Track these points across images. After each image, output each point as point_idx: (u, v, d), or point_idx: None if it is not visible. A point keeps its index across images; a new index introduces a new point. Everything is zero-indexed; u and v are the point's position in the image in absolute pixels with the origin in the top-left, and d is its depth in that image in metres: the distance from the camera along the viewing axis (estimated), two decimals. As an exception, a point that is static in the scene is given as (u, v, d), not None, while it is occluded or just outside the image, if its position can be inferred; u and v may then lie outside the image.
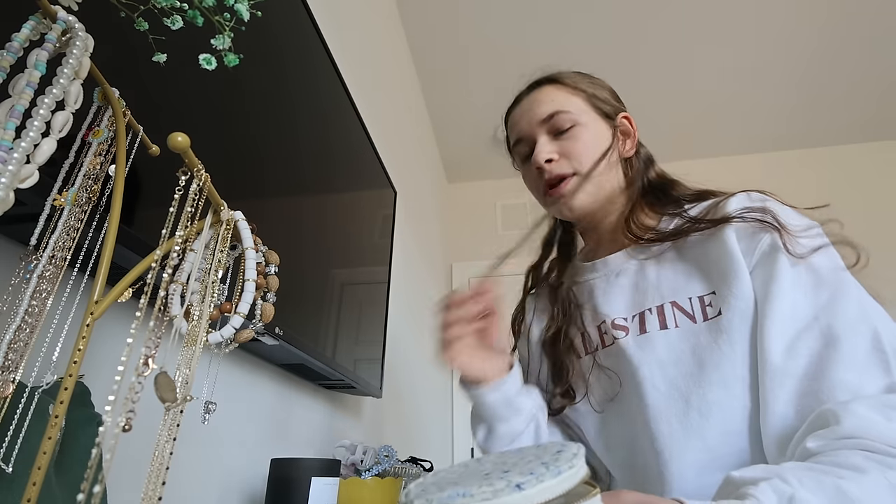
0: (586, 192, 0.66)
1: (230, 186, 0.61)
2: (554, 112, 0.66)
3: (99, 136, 0.34)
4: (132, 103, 0.37)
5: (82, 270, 0.32)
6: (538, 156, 0.66)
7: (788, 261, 0.52)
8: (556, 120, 0.66)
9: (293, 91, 0.84)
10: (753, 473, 0.38)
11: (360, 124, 1.19)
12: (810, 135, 2.76)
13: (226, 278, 0.39)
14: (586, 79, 0.71)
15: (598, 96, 0.70)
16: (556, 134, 0.66)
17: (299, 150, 0.86)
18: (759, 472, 0.38)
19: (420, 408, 1.93)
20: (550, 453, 0.30)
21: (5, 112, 0.26)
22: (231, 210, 0.40)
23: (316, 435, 1.03)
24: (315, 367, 0.87)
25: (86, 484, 0.24)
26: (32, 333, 0.29)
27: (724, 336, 0.54)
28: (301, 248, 0.84)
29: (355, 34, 1.42)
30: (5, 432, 0.29)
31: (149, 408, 0.37)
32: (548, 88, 0.69)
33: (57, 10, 0.30)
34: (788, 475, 0.36)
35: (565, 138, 0.66)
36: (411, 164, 2.10)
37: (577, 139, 0.65)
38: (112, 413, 0.24)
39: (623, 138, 0.70)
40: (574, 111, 0.66)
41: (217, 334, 0.37)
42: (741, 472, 0.39)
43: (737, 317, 0.54)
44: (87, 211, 0.32)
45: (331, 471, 0.68)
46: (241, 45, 0.39)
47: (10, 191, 0.25)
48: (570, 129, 0.66)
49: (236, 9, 0.36)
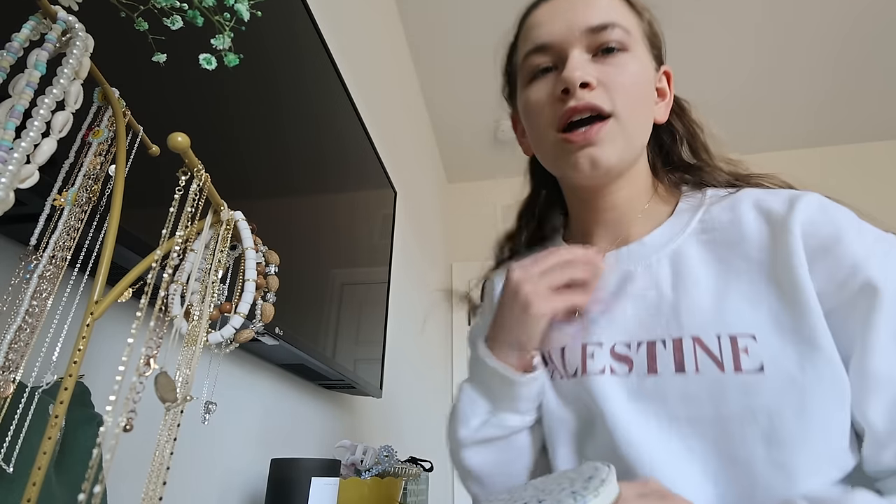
0: (619, 144, 0.48)
1: (230, 186, 0.61)
2: (608, 23, 0.48)
3: (99, 136, 0.34)
4: (132, 103, 0.37)
5: (82, 270, 0.33)
6: (572, 73, 0.47)
7: (889, 304, 0.39)
8: (607, 33, 0.48)
9: (293, 91, 0.84)
10: None
11: (360, 124, 1.19)
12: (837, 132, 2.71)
13: (226, 278, 0.39)
14: (647, 7, 0.55)
15: (655, 30, 0.54)
16: (597, 54, 0.49)
17: (299, 151, 0.86)
18: None
19: (420, 408, 1.93)
20: (582, 479, 0.31)
21: (5, 112, 0.26)
22: (231, 210, 0.40)
23: (316, 435, 1.03)
24: (315, 367, 0.87)
25: (86, 484, 0.24)
26: (33, 333, 0.29)
27: (757, 400, 0.40)
28: (301, 248, 0.84)
29: (355, 34, 1.42)
30: (5, 432, 0.29)
31: (149, 408, 0.37)
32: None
33: (57, 10, 0.30)
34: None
35: (610, 64, 0.49)
36: (411, 164, 2.10)
37: (624, 69, 0.49)
38: (112, 413, 0.24)
39: (658, 99, 0.55)
40: (632, 32, 0.50)
41: (217, 334, 0.37)
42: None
43: (787, 383, 0.40)
44: (87, 211, 0.32)
45: (331, 471, 0.68)
46: (241, 45, 0.39)
47: (10, 191, 0.25)
48: (619, 54, 0.49)
49: (236, 9, 0.36)
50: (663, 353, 0.45)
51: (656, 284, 0.48)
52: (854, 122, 2.64)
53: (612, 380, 0.47)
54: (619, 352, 0.48)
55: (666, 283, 0.48)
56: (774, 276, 0.43)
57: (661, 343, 0.45)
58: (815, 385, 0.39)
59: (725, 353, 0.42)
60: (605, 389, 0.46)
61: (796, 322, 0.41)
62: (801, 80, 2.38)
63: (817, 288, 0.41)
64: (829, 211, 0.44)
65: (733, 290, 0.44)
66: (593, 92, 0.47)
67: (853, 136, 2.73)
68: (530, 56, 0.52)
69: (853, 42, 2.17)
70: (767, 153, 2.85)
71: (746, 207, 0.47)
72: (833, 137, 2.75)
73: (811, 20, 2.07)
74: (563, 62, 0.49)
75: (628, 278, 0.50)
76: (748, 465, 0.40)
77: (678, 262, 0.48)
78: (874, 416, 0.38)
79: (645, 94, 0.51)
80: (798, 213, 0.44)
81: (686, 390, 0.43)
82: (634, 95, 0.49)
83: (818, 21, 2.07)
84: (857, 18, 2.05)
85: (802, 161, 2.81)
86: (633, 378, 0.46)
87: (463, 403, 0.53)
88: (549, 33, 0.51)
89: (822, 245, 0.42)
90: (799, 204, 0.44)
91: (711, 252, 0.47)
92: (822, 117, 2.61)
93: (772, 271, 0.43)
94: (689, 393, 0.43)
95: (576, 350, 0.50)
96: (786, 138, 2.77)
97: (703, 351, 0.43)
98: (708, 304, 0.45)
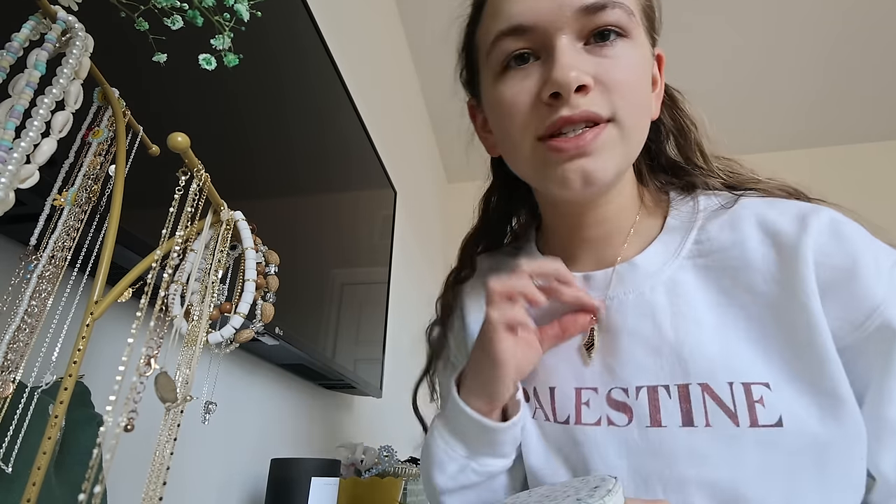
0: (618, 155, 0.40)
1: (230, 186, 0.61)
2: (607, 2, 0.38)
3: (99, 136, 0.34)
4: (132, 103, 0.37)
5: (82, 270, 0.32)
6: (566, 72, 0.37)
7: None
8: (606, 14, 0.38)
9: (293, 91, 0.84)
10: None
11: (360, 124, 1.19)
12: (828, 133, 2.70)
13: (226, 278, 0.39)
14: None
15: (653, 6, 0.45)
16: (589, 41, 0.39)
17: (299, 151, 0.86)
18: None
19: (420, 408, 1.92)
20: (588, 488, 0.32)
21: (5, 112, 0.26)
22: (231, 210, 0.40)
23: (316, 435, 1.03)
24: (315, 367, 0.87)
25: (86, 484, 0.24)
26: (32, 333, 0.29)
27: (776, 459, 0.35)
28: (301, 248, 0.84)
29: (355, 34, 1.42)
30: (5, 432, 0.29)
31: (149, 408, 0.37)
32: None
33: (57, 10, 0.30)
34: None
35: (607, 55, 0.39)
36: (411, 164, 2.10)
37: (624, 63, 0.39)
38: (112, 413, 0.24)
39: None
40: (635, 12, 0.40)
41: (217, 334, 0.37)
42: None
43: (809, 439, 0.35)
44: (87, 211, 0.32)
45: (331, 471, 0.68)
46: (240, 45, 0.39)
47: (10, 191, 0.25)
48: (617, 42, 0.39)
49: (236, 9, 0.36)
50: (668, 401, 0.39)
51: (653, 319, 0.41)
52: (844, 123, 2.64)
53: (609, 434, 0.41)
54: (617, 398, 0.41)
55: (664, 317, 0.41)
56: (785, 313, 0.38)
57: (665, 390, 0.39)
58: (839, 441, 0.35)
59: (739, 404, 0.37)
60: (601, 446, 0.41)
61: (814, 370, 0.36)
62: (791, 81, 2.38)
63: (830, 325, 0.37)
64: (843, 234, 0.38)
65: (741, 330, 0.39)
66: (590, 95, 0.38)
67: (843, 137, 2.73)
68: (503, 38, 0.41)
69: (844, 42, 2.17)
70: (763, 153, 2.86)
71: (749, 226, 0.41)
72: (822, 139, 2.75)
73: (803, 20, 2.07)
74: (547, 51, 0.39)
75: (619, 308, 0.43)
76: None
77: (675, 294, 0.42)
78: (887, 466, 0.35)
79: (646, 90, 0.42)
80: (810, 237, 0.38)
81: (695, 447, 0.37)
82: (637, 94, 0.40)
83: (808, 21, 2.08)
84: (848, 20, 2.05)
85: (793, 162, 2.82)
86: (634, 430, 0.40)
87: (437, 448, 0.46)
88: (531, 10, 0.39)
89: (836, 278, 0.37)
90: (810, 226, 0.38)
91: (711, 280, 0.41)
92: (813, 118, 2.61)
93: (781, 307, 0.38)
94: (700, 450, 0.37)
95: (568, 394, 0.44)
96: (780, 139, 2.78)
97: (713, 401, 0.37)
98: (714, 347, 0.39)
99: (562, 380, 0.45)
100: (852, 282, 0.37)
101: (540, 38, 0.40)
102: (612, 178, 0.41)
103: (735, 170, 0.47)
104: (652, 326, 0.41)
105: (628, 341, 0.42)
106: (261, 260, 0.43)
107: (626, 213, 0.47)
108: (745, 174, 0.47)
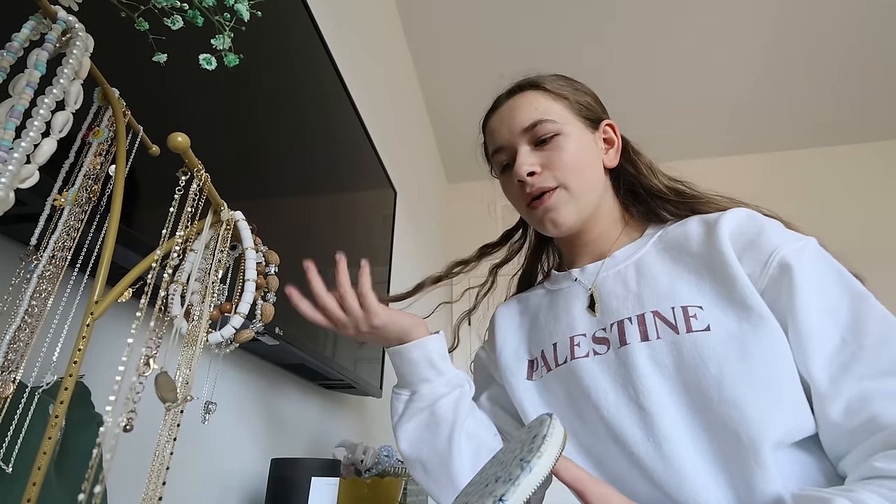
0: (572, 207, 0.62)
1: (230, 186, 0.61)
2: (536, 121, 0.62)
3: (99, 136, 0.34)
4: (132, 103, 0.37)
5: (82, 270, 0.33)
6: (520, 168, 0.61)
7: (802, 283, 0.49)
8: (538, 129, 0.62)
9: (293, 91, 0.84)
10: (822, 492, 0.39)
11: (360, 124, 1.19)
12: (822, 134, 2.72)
13: (226, 278, 0.39)
14: (569, 83, 0.67)
15: (582, 102, 0.66)
16: (538, 143, 0.62)
17: (299, 150, 0.86)
18: (830, 490, 0.39)
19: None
20: (528, 442, 0.32)
21: (5, 112, 0.26)
22: (231, 210, 0.40)
23: (316, 435, 1.03)
24: (315, 367, 0.87)
25: (86, 484, 0.24)
26: (32, 333, 0.29)
27: (707, 352, 0.50)
28: (301, 248, 0.84)
29: (355, 34, 1.42)
30: (5, 432, 0.29)
31: (149, 408, 0.37)
32: (529, 94, 0.65)
33: (57, 10, 0.30)
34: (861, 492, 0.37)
35: (548, 148, 0.62)
36: (411, 164, 2.10)
37: (560, 150, 0.61)
38: (112, 413, 0.24)
39: (607, 147, 0.67)
40: (558, 119, 0.62)
41: (217, 334, 0.37)
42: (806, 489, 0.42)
43: (728, 336, 0.50)
44: (87, 211, 0.32)
45: (331, 471, 0.68)
46: (240, 45, 0.39)
47: (11, 191, 0.25)
48: (554, 139, 0.62)
49: (236, 9, 0.36)
50: (630, 327, 0.56)
51: (624, 283, 0.60)
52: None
53: (595, 361, 0.58)
54: (598, 336, 0.59)
55: (631, 280, 0.60)
56: (712, 264, 0.54)
57: (629, 321, 0.56)
58: (752, 335, 0.49)
59: (679, 319, 0.53)
60: (589, 370, 0.57)
61: (731, 294, 0.52)
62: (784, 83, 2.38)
63: (748, 272, 0.52)
64: (756, 217, 0.56)
65: (683, 276, 0.56)
66: (539, 176, 0.62)
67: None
68: (495, 154, 0.67)
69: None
70: (758, 154, 2.86)
71: (693, 222, 0.60)
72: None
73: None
74: (513, 159, 0.64)
75: (604, 282, 0.62)
76: (706, 406, 0.49)
77: (640, 266, 0.60)
78: (816, 370, 0.46)
79: (585, 160, 0.63)
80: (725, 220, 0.56)
81: (652, 354, 0.53)
82: (576, 165, 0.61)
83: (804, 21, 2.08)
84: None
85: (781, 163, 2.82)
86: (611, 354, 0.56)
87: (392, 403, 0.65)
88: (500, 138, 0.66)
89: (748, 240, 0.53)
90: (728, 212, 0.57)
91: (666, 254, 0.60)
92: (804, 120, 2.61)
93: (710, 259, 0.55)
94: (655, 358, 0.53)
95: (565, 342, 0.62)
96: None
97: (661, 321, 0.54)
98: (663, 287, 0.56)
99: (560, 335, 0.63)
100: (759, 238, 0.53)
101: (510, 152, 0.65)
102: (573, 221, 0.63)
103: (690, 192, 0.66)
104: (623, 288, 0.60)
105: (608, 300, 0.61)
106: (261, 260, 0.43)
107: (609, 234, 0.67)
108: (697, 194, 0.65)
